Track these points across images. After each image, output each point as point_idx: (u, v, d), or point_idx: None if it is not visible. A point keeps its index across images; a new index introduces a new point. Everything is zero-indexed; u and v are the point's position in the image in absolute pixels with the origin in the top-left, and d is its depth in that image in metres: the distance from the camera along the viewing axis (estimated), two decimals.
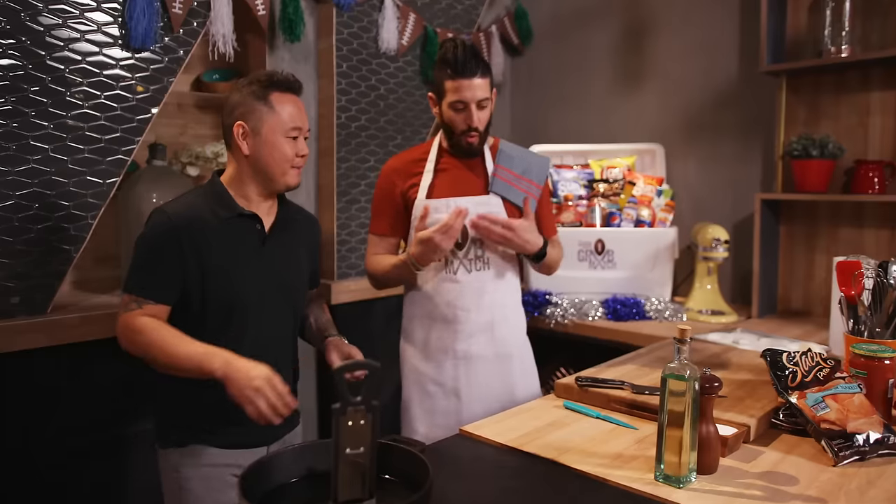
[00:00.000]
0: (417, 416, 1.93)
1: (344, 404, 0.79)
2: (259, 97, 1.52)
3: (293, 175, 1.58)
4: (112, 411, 2.13)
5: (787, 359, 1.44)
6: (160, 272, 1.48)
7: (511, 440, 1.38)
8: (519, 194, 1.91)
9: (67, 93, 2.04)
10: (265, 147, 1.53)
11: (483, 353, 1.90)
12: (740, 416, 1.41)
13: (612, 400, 1.56)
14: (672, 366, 1.19)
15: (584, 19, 3.39)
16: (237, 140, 1.53)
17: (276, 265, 1.60)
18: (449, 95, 1.81)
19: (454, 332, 1.89)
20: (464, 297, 1.88)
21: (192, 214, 1.51)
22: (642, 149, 3.06)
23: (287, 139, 1.53)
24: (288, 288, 1.64)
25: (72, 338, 2.04)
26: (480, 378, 1.90)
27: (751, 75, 2.82)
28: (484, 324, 1.90)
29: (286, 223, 1.65)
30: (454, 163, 1.94)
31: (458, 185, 1.91)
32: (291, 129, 1.54)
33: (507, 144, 1.97)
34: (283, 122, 1.52)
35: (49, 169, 2.02)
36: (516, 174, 1.92)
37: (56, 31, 2.01)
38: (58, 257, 2.07)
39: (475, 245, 1.89)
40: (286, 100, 1.54)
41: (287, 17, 2.58)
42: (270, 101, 1.52)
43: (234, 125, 1.53)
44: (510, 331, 1.95)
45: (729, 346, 2.06)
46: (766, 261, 2.64)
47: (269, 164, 1.54)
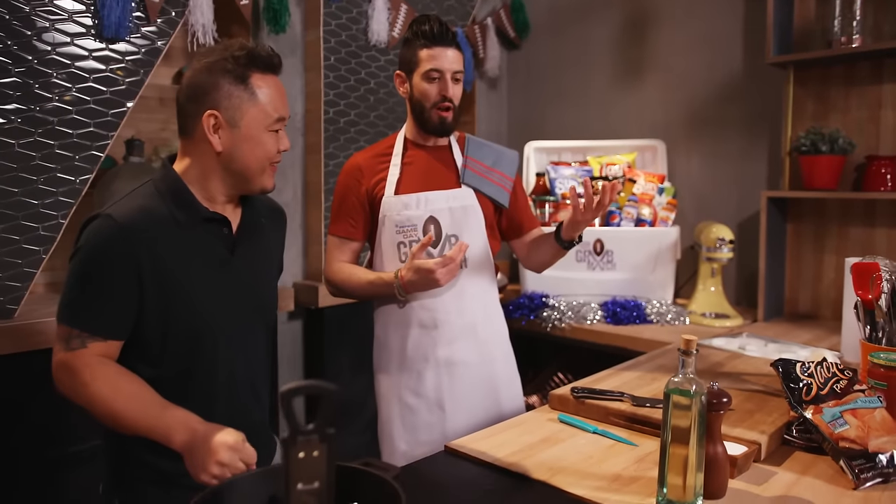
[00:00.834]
0: (398, 434, 1.78)
1: (293, 433, 0.68)
2: (237, 79, 1.22)
3: (270, 175, 1.30)
4: (82, 423, 2.02)
5: (801, 370, 1.32)
6: (110, 299, 1.18)
7: (500, 458, 1.27)
8: (492, 186, 1.81)
9: (36, 85, 1.93)
10: (244, 143, 1.24)
11: (466, 359, 1.77)
12: (750, 432, 1.29)
13: (611, 413, 1.45)
14: (676, 380, 1.07)
15: (584, 11, 3.27)
16: (207, 132, 1.23)
17: (248, 276, 1.34)
18: (423, 65, 1.70)
19: (434, 337, 1.75)
20: (443, 299, 1.75)
21: (148, 219, 1.21)
22: (643, 145, 2.95)
23: (270, 133, 1.26)
24: (262, 302, 1.40)
25: (38, 344, 1.93)
26: (465, 386, 1.76)
27: (756, 67, 2.71)
28: (465, 327, 1.77)
29: (254, 222, 1.38)
30: (421, 155, 1.81)
31: (428, 179, 1.79)
32: (276, 122, 1.27)
33: (474, 138, 1.89)
34: (267, 114, 1.25)
35: (15, 165, 1.91)
36: (487, 166, 1.83)
37: (24, 20, 1.90)
38: (26, 259, 1.96)
39: (450, 242, 1.75)
40: (269, 83, 1.26)
41: (271, 7, 2.47)
42: (251, 86, 1.23)
43: (205, 115, 1.22)
44: (494, 333, 1.83)
45: (735, 353, 1.94)
46: (772, 261, 2.52)
47: (247, 163, 1.26)
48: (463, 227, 1.77)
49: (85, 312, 1.18)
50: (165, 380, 1.24)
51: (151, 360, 1.24)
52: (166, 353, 1.24)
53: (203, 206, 1.27)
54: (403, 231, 1.76)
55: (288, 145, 1.33)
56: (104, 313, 1.18)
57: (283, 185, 2.68)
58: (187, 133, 1.27)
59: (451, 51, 1.71)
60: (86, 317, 1.18)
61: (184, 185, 1.27)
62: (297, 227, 2.75)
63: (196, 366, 1.26)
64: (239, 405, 1.33)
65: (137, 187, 1.29)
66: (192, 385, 1.27)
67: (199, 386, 1.28)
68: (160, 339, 1.23)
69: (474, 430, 1.52)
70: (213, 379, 1.28)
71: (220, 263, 1.29)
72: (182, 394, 1.23)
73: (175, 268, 1.22)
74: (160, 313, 1.22)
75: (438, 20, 1.71)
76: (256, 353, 1.38)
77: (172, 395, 1.20)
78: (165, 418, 1.13)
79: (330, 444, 0.70)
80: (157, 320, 1.22)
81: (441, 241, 1.76)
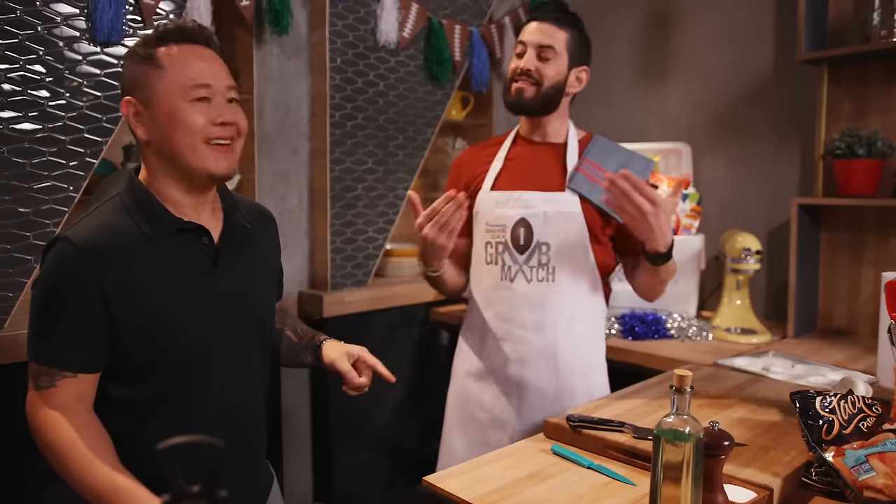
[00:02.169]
0: (459, 446, 1.67)
1: (177, 496, 0.58)
2: (143, 59, 1.12)
3: (211, 155, 1.12)
4: None
5: (821, 405, 1.17)
6: (74, 329, 1.08)
7: (478, 497, 1.15)
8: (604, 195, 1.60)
9: (28, 90, 1.88)
10: (163, 122, 1.11)
11: (541, 385, 1.61)
12: (762, 473, 1.15)
13: (609, 445, 1.32)
14: (669, 420, 0.94)
15: (605, 9, 3.13)
16: (130, 123, 1.14)
17: (238, 286, 1.23)
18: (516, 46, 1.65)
19: (507, 353, 1.62)
20: (521, 311, 1.61)
21: (112, 238, 1.10)
22: (667, 148, 2.79)
23: (191, 103, 1.11)
24: (256, 312, 1.28)
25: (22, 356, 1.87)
26: (534, 414, 1.61)
27: (788, 65, 2.54)
28: (544, 348, 1.61)
29: (238, 228, 1.25)
30: (528, 152, 1.69)
31: (529, 177, 1.65)
32: (194, 88, 1.11)
33: (602, 140, 1.71)
34: (180, 82, 1.10)
35: (6, 172, 1.86)
36: (607, 172, 1.58)
37: (16, 23, 1.85)
38: (17, 268, 1.91)
39: (540, 250, 1.61)
40: (182, 52, 1.13)
41: (273, 8, 2.39)
42: (157, 60, 1.12)
43: (122, 102, 1.13)
44: (578, 360, 1.63)
45: (757, 376, 1.78)
46: (804, 273, 2.35)
47: (173, 142, 1.11)
48: (559, 235, 1.60)
49: (50, 346, 1.09)
50: (144, 402, 1.15)
51: (132, 382, 1.14)
52: (151, 376, 1.14)
53: (174, 216, 1.16)
54: (492, 230, 1.65)
55: (228, 116, 1.15)
56: (70, 346, 1.09)
57: (287, 191, 2.60)
58: (135, 139, 1.18)
59: (544, 24, 1.62)
60: (51, 351, 1.09)
61: (150, 196, 1.16)
62: (302, 234, 2.67)
63: (182, 388, 1.16)
64: (229, 431, 1.21)
65: (102, 203, 1.19)
66: (177, 408, 1.16)
67: (183, 410, 1.17)
68: (147, 365, 1.14)
69: None
70: (201, 402, 1.18)
71: (203, 276, 1.18)
72: (163, 418, 1.14)
73: (150, 287, 1.12)
74: (141, 338, 1.12)
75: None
76: (251, 369, 1.27)
77: (152, 419, 1.12)
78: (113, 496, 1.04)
79: None
80: (138, 346, 1.12)
81: (531, 246, 1.62)
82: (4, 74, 1.84)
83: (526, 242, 1.62)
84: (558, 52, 1.61)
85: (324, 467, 2.65)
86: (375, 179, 2.71)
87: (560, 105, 1.67)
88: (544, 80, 1.61)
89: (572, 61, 1.64)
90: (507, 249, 1.63)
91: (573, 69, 1.66)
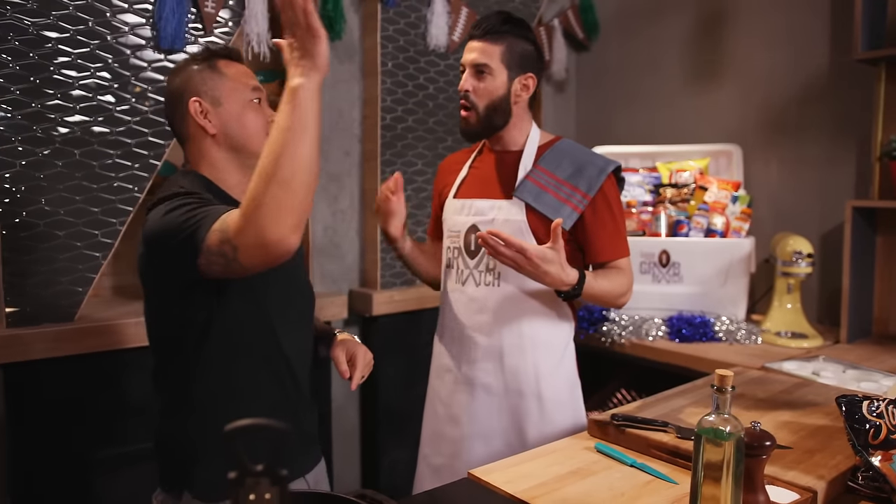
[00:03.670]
0: (426, 439, 1.78)
1: (242, 474, 0.63)
2: (205, 66, 1.32)
3: None
4: (139, 423, 2.06)
5: (868, 409, 1.17)
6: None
7: (522, 491, 1.18)
8: (552, 202, 1.60)
9: (98, 96, 1.99)
10: (233, 117, 1.30)
11: (489, 384, 1.66)
12: (806, 476, 1.15)
13: (652, 445, 1.33)
14: (710, 419, 0.96)
15: (655, 10, 3.11)
16: (197, 120, 1.29)
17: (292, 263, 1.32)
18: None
19: (460, 352, 1.70)
20: (469, 313, 1.68)
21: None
22: (717, 150, 2.77)
23: (252, 104, 1.32)
24: (307, 289, 1.44)
25: (98, 346, 1.98)
26: (484, 411, 1.67)
27: (843, 65, 2.49)
28: (490, 349, 1.66)
29: None
30: (489, 159, 1.73)
31: (484, 185, 1.71)
32: (252, 90, 1.32)
33: (565, 144, 1.70)
34: (242, 85, 1.32)
35: (77, 174, 1.97)
36: (558, 178, 1.61)
37: (88, 34, 1.96)
38: (86, 264, 2.02)
39: (489, 256, 1.61)
40: (235, 66, 1.35)
41: (326, 15, 2.46)
42: (218, 67, 1.32)
43: (189, 104, 1.28)
44: (525, 364, 1.66)
45: (806, 380, 1.77)
46: (858, 277, 2.30)
47: (242, 136, 1.31)
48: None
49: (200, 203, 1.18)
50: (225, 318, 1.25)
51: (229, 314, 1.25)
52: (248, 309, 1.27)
53: (234, 198, 1.30)
54: (451, 236, 1.73)
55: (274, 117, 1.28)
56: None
57: (339, 192, 2.68)
58: (184, 138, 1.33)
59: (474, 42, 1.63)
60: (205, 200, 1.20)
61: (211, 182, 1.31)
62: (354, 234, 2.73)
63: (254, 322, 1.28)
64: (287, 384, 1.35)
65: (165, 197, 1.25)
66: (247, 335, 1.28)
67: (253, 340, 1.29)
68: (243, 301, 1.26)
69: (492, 456, 1.45)
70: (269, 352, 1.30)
71: None
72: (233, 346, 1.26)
73: None
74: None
75: (498, 12, 1.66)
76: (307, 340, 1.41)
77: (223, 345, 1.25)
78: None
79: (282, 486, 0.64)
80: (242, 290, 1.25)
81: (481, 252, 1.66)
82: (77, 81, 1.95)
83: (476, 248, 1.67)
84: (494, 68, 1.60)
85: (372, 460, 2.72)
86: (425, 181, 2.76)
87: (512, 116, 1.66)
88: (480, 100, 1.62)
89: (513, 72, 1.62)
90: (461, 254, 1.70)
91: (516, 79, 1.63)
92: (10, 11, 1.83)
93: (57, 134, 1.93)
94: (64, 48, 1.92)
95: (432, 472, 1.74)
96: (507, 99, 1.63)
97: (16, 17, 1.85)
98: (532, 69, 1.65)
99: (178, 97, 1.31)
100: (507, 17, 1.63)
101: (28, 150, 1.89)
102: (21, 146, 1.88)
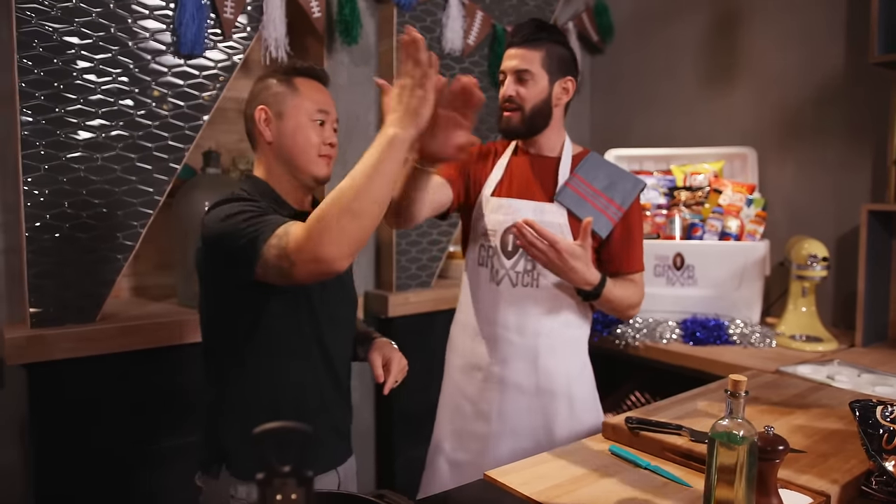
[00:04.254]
0: (444, 433, 1.79)
1: (269, 475, 0.65)
2: (281, 80, 1.43)
3: (321, 164, 1.42)
4: (158, 422, 2.10)
5: (882, 414, 1.18)
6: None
7: (537, 492, 1.20)
8: (591, 211, 1.66)
9: (120, 101, 2.02)
10: (289, 131, 1.40)
11: (521, 383, 1.70)
12: (819, 480, 1.16)
13: (666, 448, 1.35)
14: (724, 423, 0.97)
15: (670, 12, 3.12)
16: (259, 126, 1.42)
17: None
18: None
19: (491, 351, 1.71)
20: (505, 313, 1.69)
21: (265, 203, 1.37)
22: (732, 153, 2.77)
23: (312, 123, 1.41)
24: (348, 291, 1.52)
25: (117, 347, 2.02)
26: (515, 409, 1.70)
27: (859, 68, 2.48)
28: (525, 349, 1.69)
29: None
30: (525, 162, 1.76)
31: (523, 187, 1.73)
32: (317, 112, 1.41)
33: (596, 156, 1.76)
34: (308, 105, 1.41)
35: (99, 178, 2.01)
36: (595, 189, 1.68)
37: (110, 40, 1.99)
38: (107, 266, 2.05)
39: (526, 257, 1.68)
40: (311, 84, 1.44)
41: (343, 19, 2.49)
42: (293, 83, 1.42)
43: (256, 110, 1.42)
44: (558, 364, 1.71)
45: (820, 384, 1.77)
46: (873, 281, 2.30)
47: (293, 150, 1.40)
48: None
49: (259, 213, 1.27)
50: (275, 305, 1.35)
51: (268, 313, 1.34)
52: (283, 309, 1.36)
53: (287, 202, 1.42)
54: (486, 234, 1.74)
55: (334, 139, 1.45)
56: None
57: None
58: (252, 141, 1.46)
59: (514, 49, 1.68)
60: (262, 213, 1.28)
61: (269, 186, 1.43)
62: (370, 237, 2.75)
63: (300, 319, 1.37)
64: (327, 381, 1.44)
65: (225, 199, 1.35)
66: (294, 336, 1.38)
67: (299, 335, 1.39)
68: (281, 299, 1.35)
69: (519, 454, 1.46)
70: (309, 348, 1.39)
71: None
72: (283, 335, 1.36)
73: None
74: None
75: (532, 19, 1.71)
76: (347, 341, 1.49)
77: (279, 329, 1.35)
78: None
79: (308, 487, 0.66)
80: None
81: (518, 253, 1.70)
82: (98, 87, 1.99)
83: (514, 248, 1.69)
84: (535, 73, 1.65)
85: (387, 461, 2.74)
86: None
87: (552, 119, 1.72)
88: (526, 103, 1.66)
89: (553, 76, 1.67)
90: (497, 254, 1.71)
91: (556, 82, 1.68)
92: (35, 18, 1.88)
93: (80, 138, 1.97)
94: (86, 54, 1.96)
95: (453, 467, 1.75)
96: (549, 102, 1.69)
97: (40, 23, 1.89)
98: (571, 73, 1.71)
99: (251, 102, 1.44)
100: (543, 23, 1.69)
101: (51, 155, 1.93)
102: (44, 150, 1.92)
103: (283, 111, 1.41)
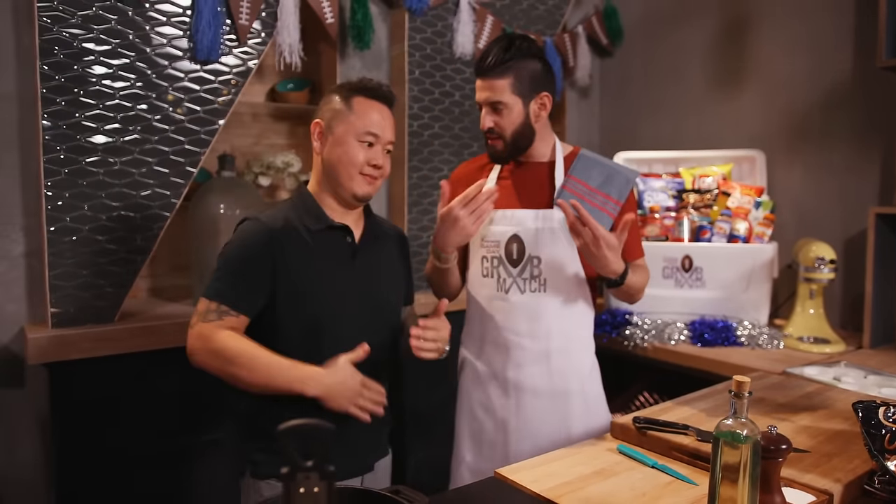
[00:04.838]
0: (465, 445, 1.81)
1: (293, 470, 0.69)
2: (342, 99, 1.49)
3: (360, 182, 1.47)
4: (172, 422, 2.14)
5: (884, 414, 1.20)
6: (248, 281, 1.42)
7: (547, 489, 1.23)
8: (591, 210, 1.66)
9: (137, 106, 2.07)
10: (336, 147, 1.47)
11: (536, 386, 1.72)
12: (823, 479, 1.19)
13: (673, 447, 1.38)
14: (728, 422, 1.00)
15: (679, 16, 3.14)
16: (313, 139, 1.51)
17: (368, 279, 1.53)
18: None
19: (504, 358, 1.74)
20: (515, 320, 1.72)
21: (287, 226, 1.46)
22: (740, 156, 2.79)
23: (360, 143, 1.46)
24: (381, 303, 1.57)
25: (135, 347, 2.06)
26: (532, 413, 1.72)
27: (867, 71, 2.50)
28: (538, 353, 1.72)
29: (376, 236, 1.59)
30: (518, 171, 1.78)
31: (521, 196, 1.75)
32: (366, 134, 1.46)
33: (587, 153, 1.75)
34: (358, 125, 1.46)
35: (117, 181, 2.06)
36: (591, 187, 1.68)
37: (128, 46, 2.04)
38: (125, 268, 2.10)
39: (532, 263, 1.72)
40: (369, 105, 1.49)
41: (356, 25, 2.53)
42: (351, 103, 1.48)
43: (313, 123, 1.51)
44: (571, 364, 1.74)
45: (827, 385, 1.79)
46: (881, 283, 2.31)
47: (336, 166, 1.47)
48: (549, 249, 1.70)
49: (225, 290, 1.42)
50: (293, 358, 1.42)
51: (286, 343, 1.43)
52: (299, 338, 1.45)
53: (328, 216, 1.50)
54: (487, 246, 1.76)
55: (381, 161, 1.50)
56: (240, 292, 1.42)
57: None
58: (313, 149, 1.54)
59: (483, 80, 1.66)
60: (226, 293, 1.42)
61: (312, 199, 1.53)
62: None
63: (320, 350, 1.43)
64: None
65: (283, 202, 1.57)
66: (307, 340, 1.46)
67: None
68: (296, 328, 1.45)
69: (540, 452, 1.49)
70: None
71: (344, 264, 1.51)
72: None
73: (303, 265, 1.46)
74: (294, 304, 1.44)
75: (499, 40, 1.67)
76: (377, 348, 1.49)
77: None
78: (299, 374, 1.36)
79: (330, 481, 0.70)
80: (290, 310, 1.44)
81: (523, 260, 1.72)
82: (117, 92, 2.04)
83: (518, 257, 1.71)
84: (507, 102, 1.64)
85: (399, 460, 2.77)
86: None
87: (536, 133, 1.72)
88: (505, 131, 1.67)
89: (526, 98, 1.66)
90: (502, 263, 1.74)
91: (531, 102, 1.68)
92: (56, 26, 1.92)
93: (98, 143, 2.01)
94: (105, 60, 2.01)
95: (474, 476, 1.75)
96: (528, 123, 1.69)
97: (61, 31, 1.93)
98: (544, 87, 1.69)
99: (315, 113, 1.53)
100: (508, 43, 1.65)
101: (71, 159, 1.98)
102: (64, 155, 1.97)
103: (334, 127, 1.48)
